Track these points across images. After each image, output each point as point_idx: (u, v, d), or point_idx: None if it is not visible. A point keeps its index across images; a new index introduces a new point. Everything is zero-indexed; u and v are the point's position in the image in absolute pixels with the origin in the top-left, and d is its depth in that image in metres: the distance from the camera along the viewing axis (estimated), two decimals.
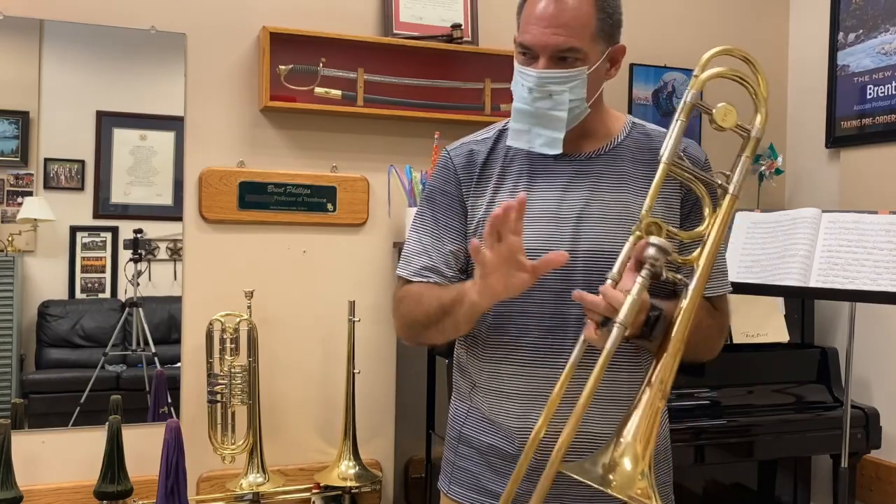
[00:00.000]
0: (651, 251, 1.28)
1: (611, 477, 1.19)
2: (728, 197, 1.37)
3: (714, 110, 1.36)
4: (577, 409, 1.23)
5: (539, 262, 1.28)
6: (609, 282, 1.29)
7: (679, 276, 1.33)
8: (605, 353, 1.23)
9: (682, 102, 1.37)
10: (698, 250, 1.35)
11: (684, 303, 1.31)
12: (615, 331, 1.24)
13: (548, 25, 1.41)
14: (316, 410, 2.83)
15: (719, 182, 1.38)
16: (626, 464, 1.20)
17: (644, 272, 1.27)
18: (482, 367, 1.53)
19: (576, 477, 1.21)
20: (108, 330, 2.65)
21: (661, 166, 1.36)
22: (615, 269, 1.31)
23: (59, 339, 2.61)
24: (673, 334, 1.29)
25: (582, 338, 1.30)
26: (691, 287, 1.32)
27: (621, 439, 1.22)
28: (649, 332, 1.32)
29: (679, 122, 1.36)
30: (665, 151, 1.36)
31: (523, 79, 1.46)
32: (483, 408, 1.53)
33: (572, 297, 1.32)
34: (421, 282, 1.51)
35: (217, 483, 2.66)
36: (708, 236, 1.36)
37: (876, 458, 2.86)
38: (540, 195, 1.49)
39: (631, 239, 1.33)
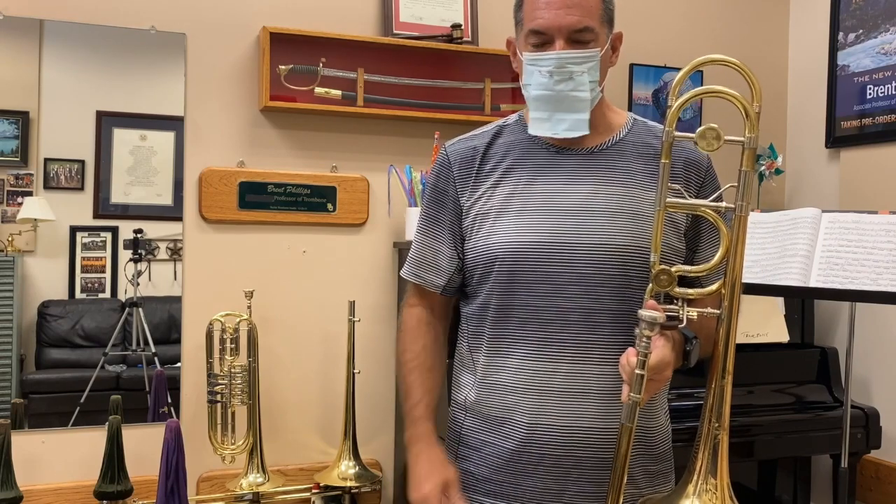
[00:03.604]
0: (642, 326, 1.27)
1: None
2: (737, 218, 1.30)
3: (697, 137, 1.29)
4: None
5: None
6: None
7: (709, 311, 1.33)
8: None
9: (662, 143, 1.32)
10: (720, 282, 1.33)
11: (720, 336, 1.31)
12: (629, 405, 1.30)
13: (560, 7, 1.42)
14: (316, 410, 2.83)
15: (724, 206, 1.32)
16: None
17: (642, 345, 1.27)
18: (484, 360, 1.53)
19: None
20: (108, 330, 2.65)
21: (657, 213, 1.32)
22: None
23: (59, 339, 2.61)
24: (715, 369, 1.31)
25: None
26: (724, 318, 1.31)
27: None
28: (688, 361, 1.38)
29: (663, 164, 1.32)
30: (657, 196, 1.33)
31: (541, 64, 1.45)
32: (483, 402, 1.53)
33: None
34: (415, 311, 1.62)
35: (217, 483, 2.66)
36: (727, 264, 1.31)
37: (876, 458, 2.86)
38: (542, 188, 1.49)
39: (647, 291, 1.33)
